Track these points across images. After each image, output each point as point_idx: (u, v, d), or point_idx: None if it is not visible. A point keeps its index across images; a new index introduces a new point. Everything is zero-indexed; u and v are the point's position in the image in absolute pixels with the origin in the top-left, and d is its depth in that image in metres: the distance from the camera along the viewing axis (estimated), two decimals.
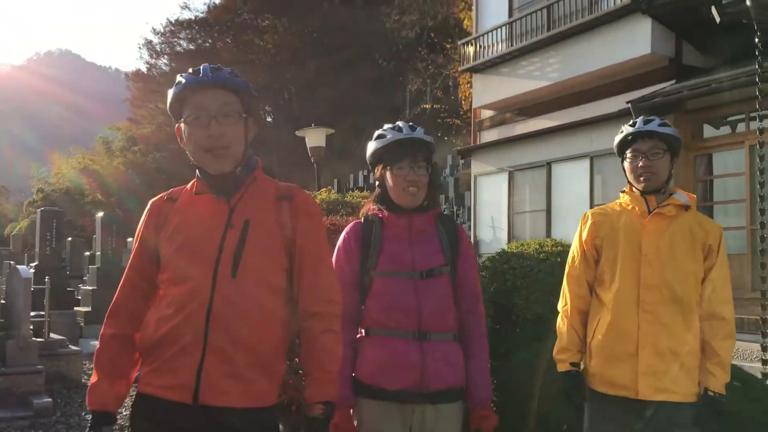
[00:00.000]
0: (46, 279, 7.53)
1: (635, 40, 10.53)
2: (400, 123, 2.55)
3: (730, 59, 10.16)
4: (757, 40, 5.13)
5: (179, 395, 1.87)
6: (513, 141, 12.76)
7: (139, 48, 56.50)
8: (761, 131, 5.20)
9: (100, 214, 13.24)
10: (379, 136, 2.54)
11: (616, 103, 10.64)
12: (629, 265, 2.59)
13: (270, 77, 38.11)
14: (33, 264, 11.69)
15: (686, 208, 2.64)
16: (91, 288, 11.72)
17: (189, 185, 2.09)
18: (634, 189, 2.72)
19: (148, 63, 44.27)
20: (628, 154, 2.70)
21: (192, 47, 41.66)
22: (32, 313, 6.94)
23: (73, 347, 8.10)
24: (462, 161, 21.28)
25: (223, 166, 1.98)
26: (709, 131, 10.12)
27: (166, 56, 42.59)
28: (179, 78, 2.01)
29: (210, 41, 41.25)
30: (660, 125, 2.66)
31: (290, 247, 2.01)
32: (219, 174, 1.99)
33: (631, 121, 2.75)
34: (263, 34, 38.34)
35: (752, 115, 9.38)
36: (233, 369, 1.89)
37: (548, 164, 11.92)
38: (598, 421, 2.66)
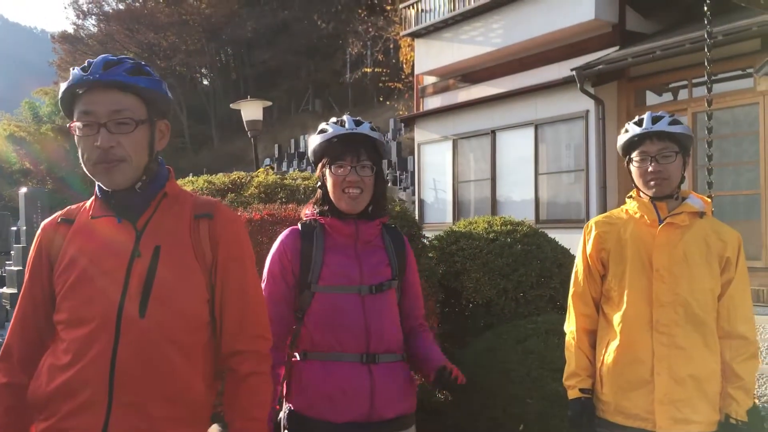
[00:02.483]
0: None
1: (579, 6, 10.39)
2: (344, 117, 2.27)
3: (673, 25, 10.14)
4: (705, 8, 4.98)
5: None
6: (457, 108, 12.53)
7: (65, 8, 53.63)
8: (709, 102, 5.08)
9: (24, 189, 12.50)
10: (321, 131, 2.25)
11: (560, 70, 10.52)
12: (639, 282, 2.32)
13: (206, 38, 36.83)
14: None
15: (701, 215, 2.38)
16: (16, 268, 11.07)
17: (88, 203, 1.75)
18: (642, 194, 2.43)
19: (75, 24, 42.44)
20: (635, 156, 2.38)
21: (121, 7, 39.83)
22: None
23: None
24: (404, 126, 20.99)
25: (116, 181, 1.64)
26: (651, 98, 10.12)
27: (93, 16, 40.68)
28: (72, 71, 1.67)
29: (141, 0, 39.45)
30: (670, 123, 2.35)
31: (211, 275, 1.71)
32: (118, 191, 1.66)
33: (636, 118, 2.43)
34: None
35: (695, 81, 9.39)
36: (148, 426, 1.59)
37: (492, 132, 11.75)
38: None
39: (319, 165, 2.25)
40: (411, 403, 2.21)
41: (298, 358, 2.18)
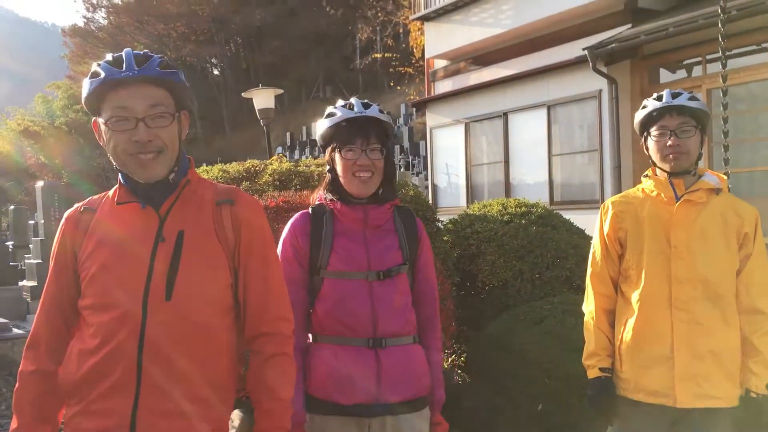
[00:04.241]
0: None
1: None
2: (352, 99, 2.26)
3: (686, 0, 10.00)
4: None
5: None
6: (468, 92, 12.46)
7: (75, 1, 53.88)
8: (724, 78, 5.03)
9: (40, 183, 12.61)
10: (329, 115, 2.25)
11: (572, 49, 10.41)
12: (657, 259, 2.34)
13: (215, 28, 36.85)
14: None
15: (717, 191, 2.39)
16: (36, 261, 11.20)
17: (111, 192, 1.79)
18: (658, 172, 2.44)
19: (85, 17, 42.58)
20: (654, 131, 2.39)
21: None
22: None
23: (18, 330, 7.69)
24: (415, 110, 20.93)
25: (153, 173, 1.69)
26: (665, 76, 10.01)
27: (103, 9, 40.77)
28: (95, 68, 1.68)
29: None
30: (689, 99, 2.37)
31: (233, 259, 1.75)
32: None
33: (655, 95, 2.44)
34: None
35: (709, 57, 9.27)
36: (175, 407, 1.64)
37: (505, 114, 11.69)
38: (628, 429, 2.42)
39: (329, 149, 2.25)
40: (424, 384, 2.22)
41: (311, 340, 2.21)
